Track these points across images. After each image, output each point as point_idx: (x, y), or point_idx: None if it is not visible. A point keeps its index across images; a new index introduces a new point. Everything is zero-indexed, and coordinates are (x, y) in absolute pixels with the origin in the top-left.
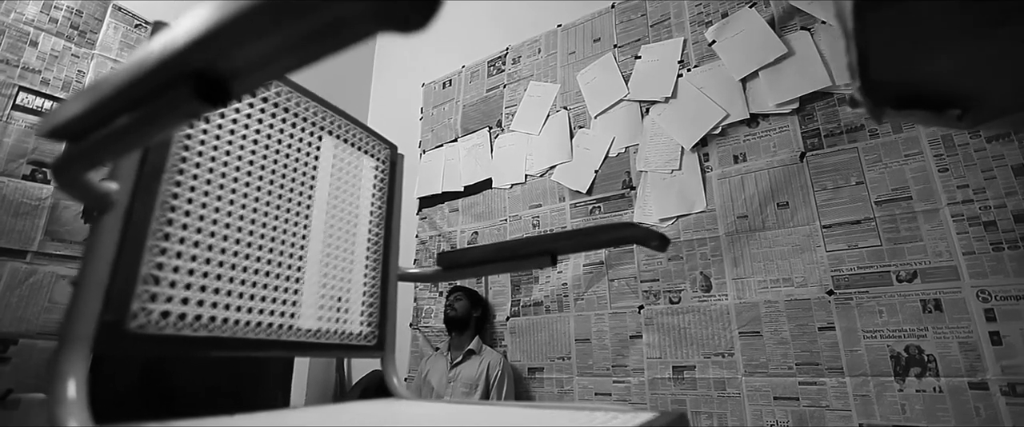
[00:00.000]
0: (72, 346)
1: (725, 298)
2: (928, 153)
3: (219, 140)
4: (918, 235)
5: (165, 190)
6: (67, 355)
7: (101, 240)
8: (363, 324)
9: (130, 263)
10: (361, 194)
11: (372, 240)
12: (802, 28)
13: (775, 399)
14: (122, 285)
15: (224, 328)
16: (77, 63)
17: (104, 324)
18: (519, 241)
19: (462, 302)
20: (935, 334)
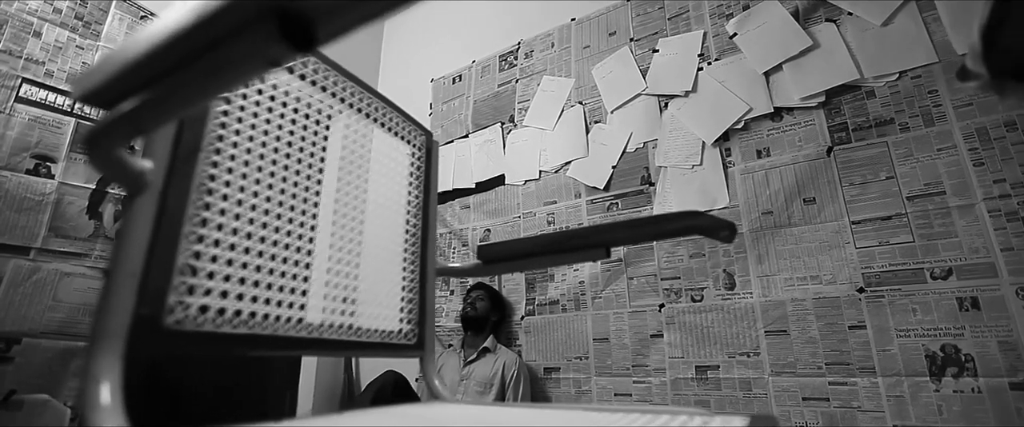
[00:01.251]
0: (105, 344)
1: (750, 296)
2: (962, 147)
3: (257, 119)
4: (953, 231)
5: (201, 172)
6: (100, 354)
7: (135, 225)
8: (403, 321)
9: (166, 251)
10: (398, 182)
11: (410, 232)
12: (827, 20)
13: (804, 400)
14: (158, 276)
15: (264, 325)
16: (82, 55)
17: (139, 319)
18: (569, 233)
19: (484, 302)
20: (972, 333)
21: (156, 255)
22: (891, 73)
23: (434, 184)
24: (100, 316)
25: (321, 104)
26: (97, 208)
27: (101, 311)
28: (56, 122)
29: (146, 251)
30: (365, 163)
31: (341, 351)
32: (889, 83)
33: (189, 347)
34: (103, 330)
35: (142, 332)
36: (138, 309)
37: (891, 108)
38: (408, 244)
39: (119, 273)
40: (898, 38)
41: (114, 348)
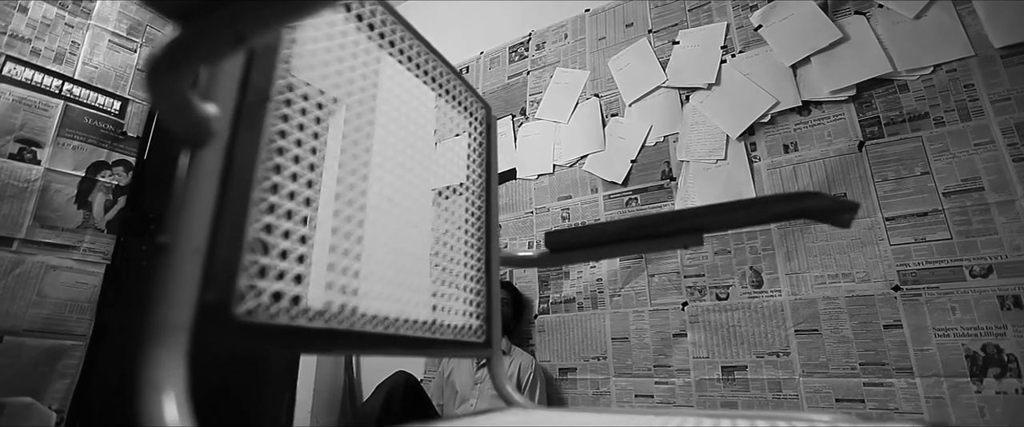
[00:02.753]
0: (164, 340)
1: (778, 294)
2: (1001, 142)
3: (327, 68)
4: (992, 228)
5: (271, 125)
6: (159, 354)
7: (198, 187)
8: (470, 316)
9: (235, 221)
10: (457, 160)
11: (475, 214)
12: (857, 12)
13: (837, 401)
14: (226, 252)
15: (341, 319)
16: (71, 33)
17: (205, 307)
18: (656, 217)
19: (507, 307)
20: (1015, 332)
21: (224, 225)
22: (925, 66)
23: (495, 164)
24: (157, 305)
25: (388, 58)
26: (87, 197)
27: (158, 298)
28: (42, 104)
29: (212, 220)
30: (425, 135)
31: (418, 350)
32: (923, 77)
33: (261, 343)
34: (161, 323)
35: (208, 324)
36: (204, 295)
37: (925, 102)
38: (472, 228)
39: (181, 248)
40: (932, 31)
41: (176, 345)
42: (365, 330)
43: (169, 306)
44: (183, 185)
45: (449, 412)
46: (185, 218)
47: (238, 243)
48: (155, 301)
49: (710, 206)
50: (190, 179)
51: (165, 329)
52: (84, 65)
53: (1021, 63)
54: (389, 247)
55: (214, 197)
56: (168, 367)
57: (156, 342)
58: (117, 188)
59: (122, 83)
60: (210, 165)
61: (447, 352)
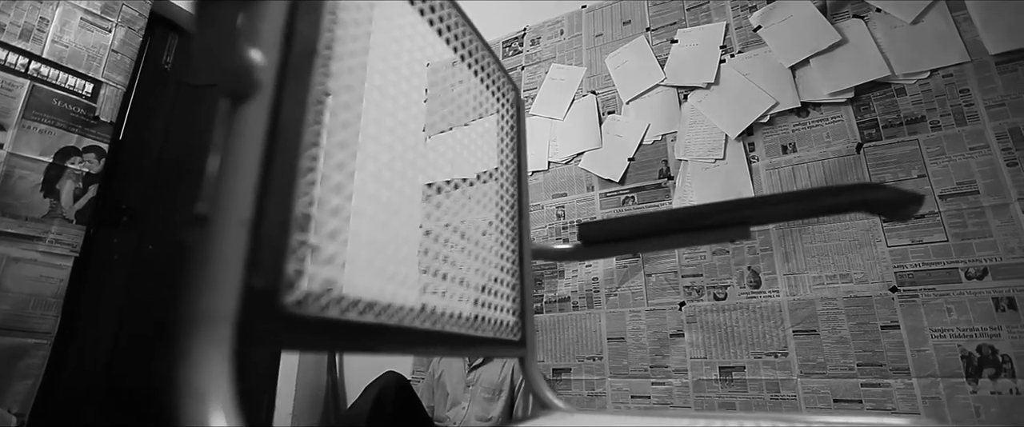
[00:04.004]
0: (204, 335)
1: (776, 294)
2: (995, 147)
3: (372, 24)
4: (987, 231)
5: (317, 84)
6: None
7: (240, 148)
8: (507, 312)
9: (282, 191)
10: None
11: (509, 202)
12: (855, 16)
13: (835, 402)
14: (273, 228)
15: (390, 313)
16: (39, 9)
17: (252, 295)
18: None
19: None
20: (1010, 333)
21: (271, 195)
22: (922, 71)
23: (525, 150)
24: (195, 290)
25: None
26: (54, 184)
27: (196, 281)
28: (6, 83)
29: (257, 188)
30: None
31: (460, 349)
32: (920, 81)
33: (310, 340)
34: (200, 312)
35: (254, 316)
36: (251, 279)
37: (922, 106)
38: (507, 218)
39: (224, 219)
40: (929, 36)
41: (219, 341)
42: (413, 326)
43: (210, 292)
44: (222, 144)
45: (439, 415)
46: (227, 183)
47: (286, 218)
48: (192, 284)
49: (758, 198)
50: (231, 138)
51: (205, 320)
52: (53, 43)
53: (1015, 70)
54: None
55: (259, 160)
56: (212, 369)
57: (194, 337)
58: (88, 176)
59: (95, 64)
60: (254, 122)
61: (486, 350)
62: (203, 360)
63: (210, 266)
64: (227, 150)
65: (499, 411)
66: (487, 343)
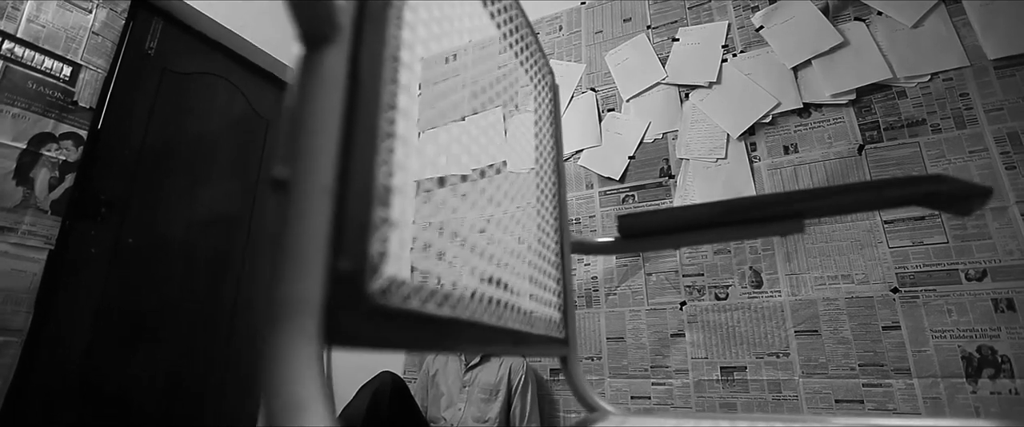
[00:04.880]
0: (290, 322)
1: (778, 294)
2: (994, 150)
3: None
4: (987, 233)
5: (394, 37)
6: (287, 345)
7: (322, 102)
8: (553, 307)
9: (364, 157)
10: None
11: (550, 191)
12: (856, 18)
13: (837, 402)
14: (356, 201)
15: (462, 306)
16: None
17: (339, 280)
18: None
19: None
20: (1008, 334)
21: (354, 160)
22: (923, 74)
23: (561, 139)
24: (275, 271)
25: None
26: (28, 173)
27: (275, 260)
28: None
29: (339, 151)
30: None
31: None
32: (921, 84)
33: (393, 337)
34: (282, 299)
35: (341, 305)
36: (337, 260)
37: (923, 109)
38: (549, 209)
39: (305, 185)
40: (929, 40)
41: (305, 333)
42: (483, 321)
43: (293, 274)
44: (299, 96)
45: (433, 415)
46: (308, 143)
47: (368, 187)
48: (271, 263)
49: (813, 190)
50: (309, 90)
51: (288, 308)
52: (29, 23)
53: (1013, 75)
54: (498, 219)
55: (339, 117)
56: (302, 368)
57: (282, 331)
58: (65, 164)
59: (74, 46)
60: (333, 72)
61: (537, 349)
62: (296, 356)
63: (292, 241)
64: (305, 103)
65: (496, 412)
66: (539, 341)
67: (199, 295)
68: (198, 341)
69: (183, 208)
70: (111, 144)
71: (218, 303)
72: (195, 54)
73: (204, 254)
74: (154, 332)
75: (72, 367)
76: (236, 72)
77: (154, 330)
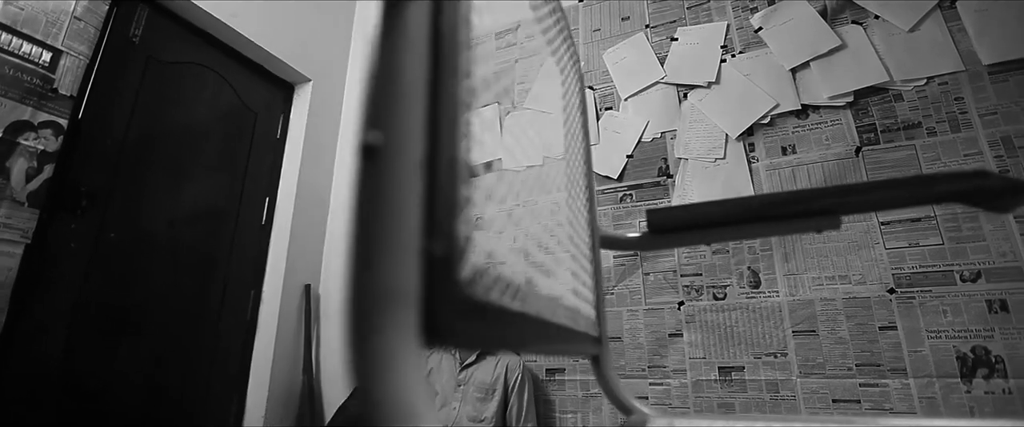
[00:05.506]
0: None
1: (776, 295)
2: (988, 154)
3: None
4: (981, 235)
5: (466, 6)
6: (380, 341)
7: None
8: (587, 303)
9: (450, 126)
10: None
11: (581, 184)
12: (854, 22)
13: (834, 402)
14: (445, 176)
15: (530, 300)
16: None
17: (432, 265)
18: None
19: None
20: (1002, 335)
21: (442, 130)
22: (919, 78)
23: (589, 130)
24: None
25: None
26: (3, 162)
27: (366, 242)
28: None
29: (427, 117)
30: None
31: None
32: (917, 88)
33: (481, 332)
34: (380, 290)
35: (437, 293)
36: (429, 244)
37: (919, 112)
38: (579, 203)
39: (397, 153)
40: (925, 45)
41: (407, 330)
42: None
43: (389, 259)
44: (385, 55)
45: None
46: (397, 107)
47: (455, 162)
48: (362, 245)
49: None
50: (394, 50)
51: (385, 301)
52: (6, 4)
53: (1006, 80)
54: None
55: (424, 82)
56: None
57: (378, 326)
58: (43, 154)
59: (54, 31)
60: (417, 31)
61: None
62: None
63: (386, 219)
64: (391, 63)
65: (493, 412)
66: (578, 338)
67: (184, 292)
68: (182, 340)
69: (168, 202)
70: (93, 134)
71: (204, 301)
72: (182, 43)
73: (189, 250)
74: (137, 330)
75: (50, 366)
76: (224, 63)
77: (137, 328)
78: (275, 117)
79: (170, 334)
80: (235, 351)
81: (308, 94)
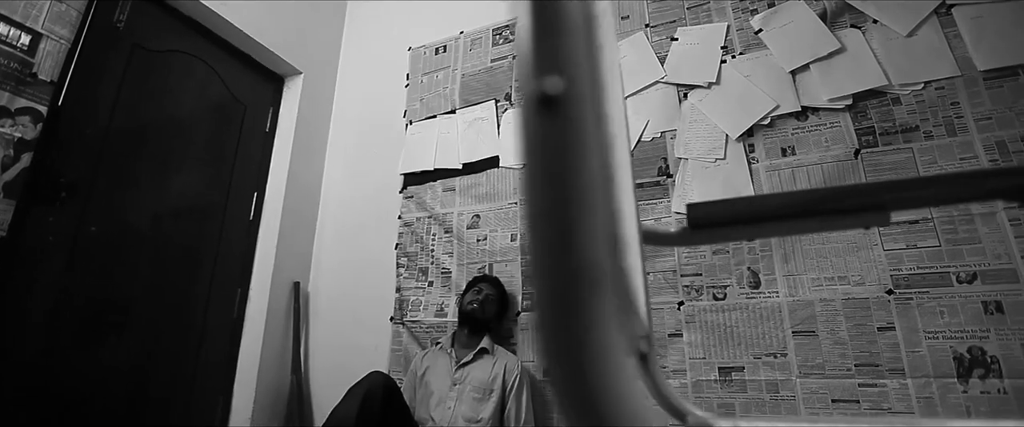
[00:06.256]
0: (602, 299)
1: (776, 295)
2: (983, 158)
3: None
4: (977, 237)
5: None
6: (606, 336)
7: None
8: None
9: (611, 70)
10: None
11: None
12: (853, 26)
13: (833, 402)
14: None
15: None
16: None
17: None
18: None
19: (493, 305)
20: (997, 336)
21: (603, 67)
22: (917, 82)
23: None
24: (568, 234)
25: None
26: None
27: (568, 218)
28: None
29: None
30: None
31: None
32: (915, 92)
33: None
34: (588, 269)
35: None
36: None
37: (916, 116)
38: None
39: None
40: (922, 50)
41: (608, 305)
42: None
43: (589, 232)
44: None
45: (420, 415)
46: (571, 45)
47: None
48: (557, 215)
49: (906, 180)
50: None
51: (593, 285)
52: None
53: (1001, 86)
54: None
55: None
56: (628, 368)
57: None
58: (20, 142)
59: (34, 13)
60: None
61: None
62: (611, 353)
63: (580, 187)
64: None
65: (490, 412)
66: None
67: (168, 289)
68: (167, 339)
69: (152, 195)
70: (74, 122)
71: (189, 298)
72: (168, 31)
73: (174, 245)
74: (119, 329)
75: (26, 367)
76: (213, 53)
77: (119, 327)
78: (264, 110)
79: (154, 333)
80: (221, 350)
81: (299, 87)
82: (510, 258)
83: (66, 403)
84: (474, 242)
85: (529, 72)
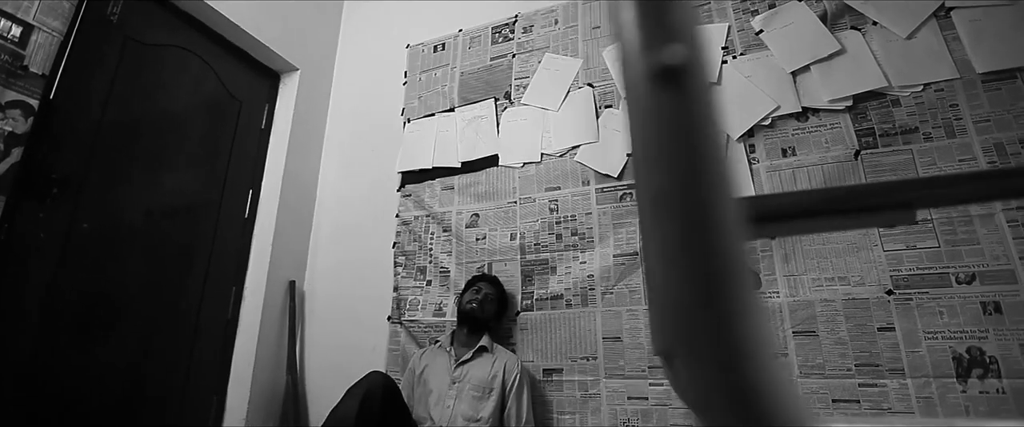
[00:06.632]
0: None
1: (776, 295)
2: (981, 159)
3: None
4: (975, 238)
5: None
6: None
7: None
8: None
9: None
10: None
11: None
12: (853, 28)
13: (834, 402)
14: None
15: None
16: None
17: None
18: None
19: (492, 304)
20: (996, 336)
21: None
22: (916, 84)
23: None
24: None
25: None
26: None
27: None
28: None
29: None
30: None
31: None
32: (914, 94)
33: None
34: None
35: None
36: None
37: (916, 118)
38: None
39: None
40: (922, 52)
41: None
42: None
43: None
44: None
45: (419, 414)
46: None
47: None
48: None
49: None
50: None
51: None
52: None
53: (999, 89)
54: None
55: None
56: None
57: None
58: (11, 136)
59: (25, 4)
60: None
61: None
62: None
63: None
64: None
65: (490, 412)
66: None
67: (162, 287)
68: (160, 337)
69: (145, 191)
70: (66, 116)
71: (183, 296)
72: (163, 25)
73: (168, 242)
74: (110, 327)
75: (17, 365)
76: (208, 48)
77: (111, 325)
78: (260, 106)
79: (147, 332)
80: (215, 349)
81: (295, 83)
82: (509, 257)
83: (58, 401)
84: (473, 241)
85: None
